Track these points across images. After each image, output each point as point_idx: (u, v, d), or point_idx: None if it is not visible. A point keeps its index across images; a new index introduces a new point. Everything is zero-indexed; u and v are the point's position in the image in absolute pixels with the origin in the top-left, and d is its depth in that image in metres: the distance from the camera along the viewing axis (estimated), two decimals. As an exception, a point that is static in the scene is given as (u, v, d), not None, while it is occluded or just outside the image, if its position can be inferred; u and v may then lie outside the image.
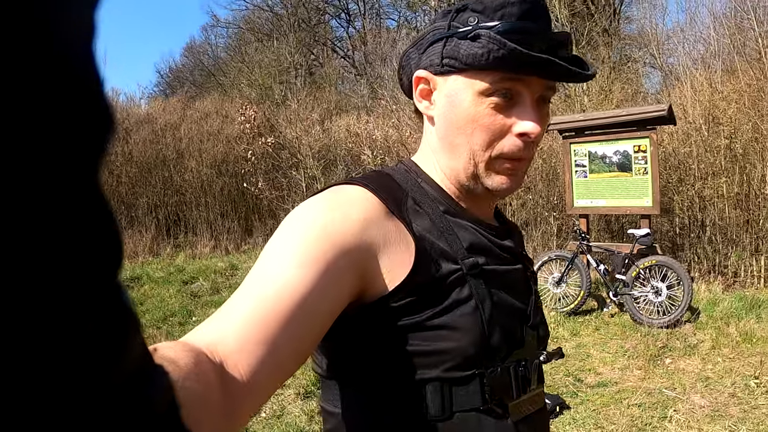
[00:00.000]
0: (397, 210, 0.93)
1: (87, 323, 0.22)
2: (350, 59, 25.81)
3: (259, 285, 0.79)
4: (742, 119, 8.70)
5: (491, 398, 0.92)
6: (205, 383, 0.62)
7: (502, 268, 1.02)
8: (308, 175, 13.22)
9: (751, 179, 8.66)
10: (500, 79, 0.93)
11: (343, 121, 15.78)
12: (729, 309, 6.84)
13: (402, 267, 0.89)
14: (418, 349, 0.89)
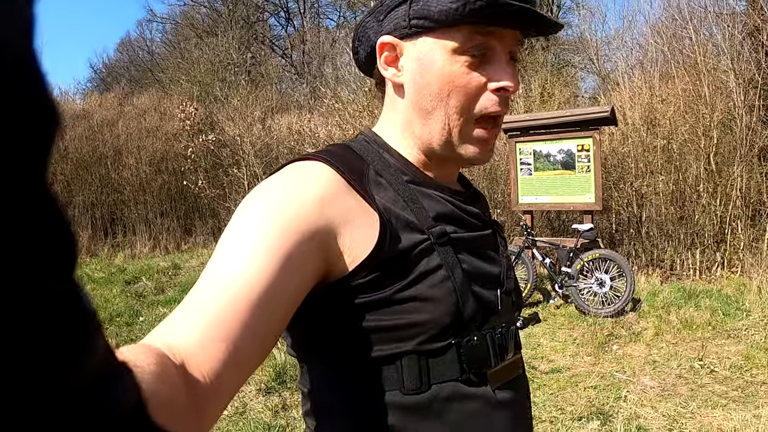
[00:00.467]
0: (358, 183, 0.90)
1: (46, 324, 0.22)
2: (289, 58, 25.66)
3: (217, 280, 0.75)
4: (679, 121, 9.09)
5: (469, 368, 0.90)
6: (170, 385, 0.59)
7: (471, 235, 1.00)
8: (250, 173, 13.08)
9: (686, 177, 9.04)
10: (472, 34, 0.90)
11: (285, 119, 15.67)
12: (669, 299, 7.12)
13: (365, 243, 0.85)
14: (389, 324, 0.86)
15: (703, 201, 8.80)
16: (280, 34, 28.24)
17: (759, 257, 8.18)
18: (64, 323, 0.23)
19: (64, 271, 0.23)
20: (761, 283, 7.21)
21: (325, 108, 13.76)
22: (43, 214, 0.22)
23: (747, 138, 8.67)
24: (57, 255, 0.22)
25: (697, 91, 9.18)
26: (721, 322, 6.28)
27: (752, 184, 8.84)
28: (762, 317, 6.27)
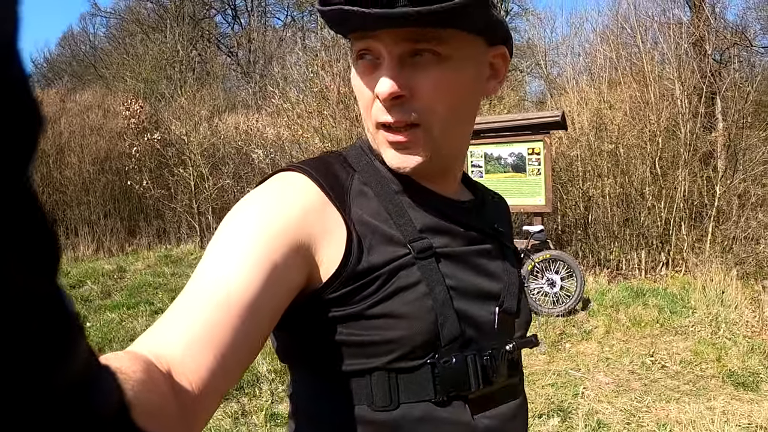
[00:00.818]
0: (337, 196, 0.87)
1: (28, 325, 0.22)
2: (234, 56, 25.37)
3: (205, 287, 0.75)
4: (626, 127, 9.38)
5: (444, 390, 0.86)
6: (157, 393, 0.59)
7: (465, 249, 0.95)
8: (196, 174, 12.86)
9: (633, 181, 9.33)
10: (353, 42, 0.88)
11: (232, 119, 15.46)
12: (617, 298, 7.33)
13: (336, 258, 0.84)
14: (360, 339, 0.84)
15: (649, 203, 9.11)
16: (227, 32, 27.95)
17: (702, 257, 8.52)
18: (47, 325, 0.23)
19: (46, 272, 0.23)
20: (705, 281, 7.50)
21: (274, 108, 13.64)
22: (25, 215, 0.22)
23: (690, 143, 9.01)
24: (39, 256, 0.22)
25: (643, 97, 9.49)
26: (669, 320, 6.51)
27: (695, 188, 9.18)
28: (707, 314, 6.52)
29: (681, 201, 8.96)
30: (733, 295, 6.94)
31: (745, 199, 8.96)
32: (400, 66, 0.84)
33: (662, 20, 10.49)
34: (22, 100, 0.21)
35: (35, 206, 0.22)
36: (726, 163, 9.16)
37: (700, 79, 9.43)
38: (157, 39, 20.06)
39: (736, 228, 8.68)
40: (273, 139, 12.98)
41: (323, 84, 11.74)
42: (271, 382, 4.98)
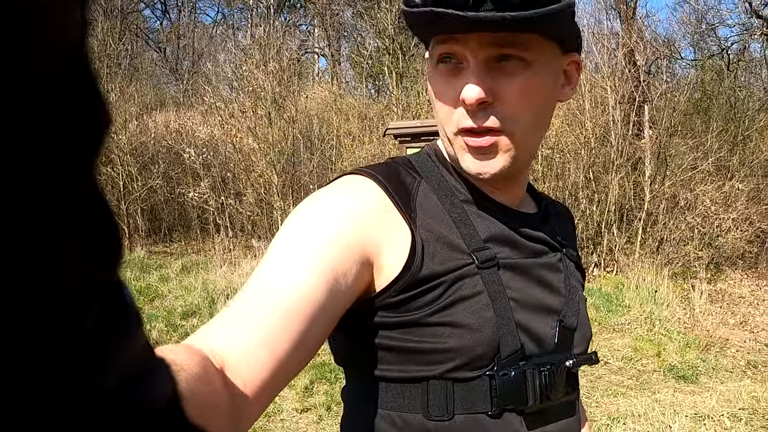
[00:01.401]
0: (403, 202, 0.87)
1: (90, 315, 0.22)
2: (163, 52, 24.76)
3: (267, 289, 0.75)
4: (564, 133, 9.68)
5: (501, 403, 0.85)
6: (211, 386, 0.60)
7: (529, 261, 0.94)
8: (125, 173, 12.47)
9: (567, 185, 9.63)
10: (434, 45, 0.87)
11: (162, 116, 15.07)
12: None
13: (398, 263, 0.84)
14: (417, 346, 0.84)
15: (582, 207, 9.41)
16: (155, 26, 27.25)
17: (632, 258, 8.87)
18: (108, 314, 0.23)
19: (108, 263, 0.23)
20: (638, 281, 7.81)
21: (206, 106, 13.39)
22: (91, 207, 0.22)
23: (622, 149, 9.37)
24: (102, 247, 0.23)
25: (579, 104, 9.81)
26: (606, 318, 6.75)
27: (625, 192, 9.55)
28: (641, 312, 6.80)
29: (612, 204, 9.31)
30: (665, 294, 7.27)
31: (674, 203, 9.39)
32: (486, 71, 0.84)
33: (596, 31, 10.89)
34: (93, 98, 0.22)
35: (100, 199, 0.23)
36: (654, 168, 9.56)
37: (634, 89, 9.82)
38: (87, 32, 19.39)
39: (665, 230, 9.08)
40: (205, 138, 12.72)
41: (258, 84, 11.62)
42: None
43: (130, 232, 12.42)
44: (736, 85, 12.14)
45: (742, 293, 8.23)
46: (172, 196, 13.16)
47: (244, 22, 23.55)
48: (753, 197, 9.39)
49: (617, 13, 12.52)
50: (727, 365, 5.57)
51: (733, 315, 7.31)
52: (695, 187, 9.23)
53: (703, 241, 8.90)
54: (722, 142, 9.99)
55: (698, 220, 8.92)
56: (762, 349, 6.10)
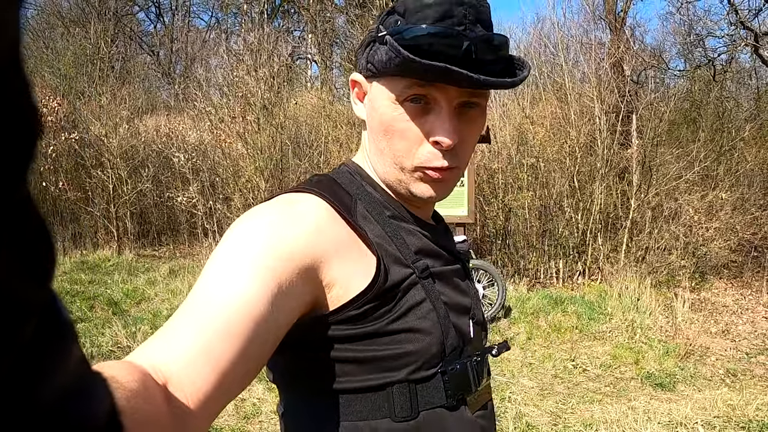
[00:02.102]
0: (350, 217, 0.92)
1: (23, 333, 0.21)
2: (155, 56, 24.76)
3: (204, 301, 0.75)
4: (548, 142, 9.74)
5: (454, 394, 0.94)
6: (152, 402, 0.59)
7: (447, 269, 1.03)
8: (115, 176, 12.47)
9: (552, 193, 9.69)
10: (411, 86, 0.91)
11: (153, 120, 15.06)
12: (537, 305, 7.59)
13: (360, 275, 0.88)
14: (381, 354, 0.88)
15: (567, 215, 9.47)
16: (149, 30, 27.24)
17: (617, 266, 8.93)
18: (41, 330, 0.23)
19: (41, 277, 0.22)
20: (621, 289, 7.87)
21: (196, 111, 13.40)
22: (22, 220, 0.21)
23: (607, 159, 9.44)
24: (34, 261, 0.22)
25: (564, 114, 9.87)
26: (587, 326, 6.80)
27: (610, 201, 9.61)
28: (623, 320, 6.85)
29: (597, 213, 9.37)
30: (648, 302, 7.33)
31: (658, 212, 9.45)
32: (456, 116, 0.93)
33: (584, 41, 10.97)
34: (23, 108, 0.21)
35: (34, 211, 0.22)
36: (640, 178, 9.63)
37: (619, 99, 9.90)
38: (79, 34, 19.29)
39: (649, 239, 9.14)
40: (195, 143, 12.73)
41: (248, 89, 11.64)
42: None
43: (119, 235, 12.41)
44: (724, 96, 12.24)
45: (725, 302, 8.31)
46: (161, 200, 13.19)
47: (238, 27, 23.58)
48: (738, 207, 9.47)
49: (606, 24, 12.62)
50: (706, 373, 5.62)
51: (716, 323, 7.38)
52: (679, 196, 9.30)
53: (687, 250, 8.97)
54: (708, 151, 10.07)
55: (682, 230, 8.99)
56: (742, 358, 6.16)
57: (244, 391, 4.90)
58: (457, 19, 0.88)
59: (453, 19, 0.88)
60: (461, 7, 0.89)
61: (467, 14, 0.89)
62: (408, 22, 0.90)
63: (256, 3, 23.76)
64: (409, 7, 0.90)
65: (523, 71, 0.95)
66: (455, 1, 0.88)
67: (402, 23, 0.90)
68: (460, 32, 0.87)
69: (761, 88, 13.83)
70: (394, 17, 0.93)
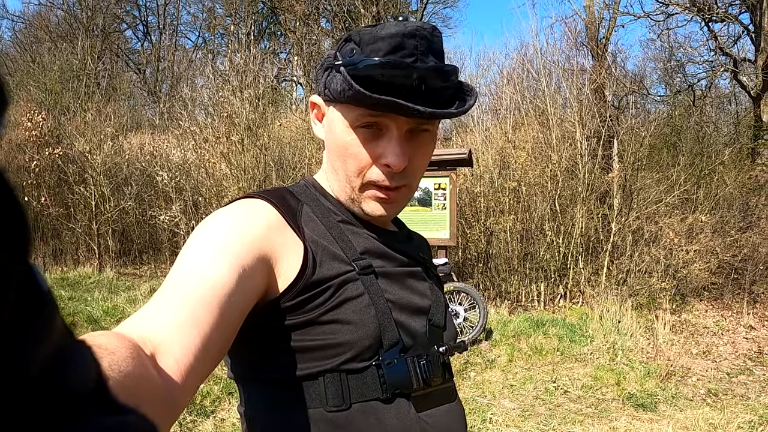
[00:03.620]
0: (291, 219, 1.00)
1: (7, 303, 0.22)
2: (142, 74, 24.77)
3: (183, 278, 0.82)
4: (529, 166, 9.83)
5: (390, 388, 0.96)
6: (142, 368, 0.61)
7: (399, 270, 1.09)
8: (98, 193, 12.41)
9: (533, 217, 9.75)
10: (363, 114, 0.98)
11: (137, 138, 15.04)
12: (518, 328, 7.60)
13: (293, 269, 0.95)
14: (313, 344, 0.94)
15: (548, 239, 9.52)
16: (136, 47, 27.28)
17: (598, 289, 8.99)
18: (22, 301, 0.23)
19: (20, 251, 0.23)
20: (602, 312, 7.91)
21: (181, 130, 13.39)
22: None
23: (589, 183, 9.54)
24: (11, 235, 0.22)
25: (546, 138, 9.98)
26: (568, 348, 6.83)
27: (591, 224, 9.70)
28: (605, 342, 6.89)
29: (579, 237, 9.45)
30: (629, 324, 7.38)
31: (639, 235, 9.54)
32: (406, 141, 1.01)
33: (566, 67, 11.11)
34: None
35: (4, 187, 0.22)
36: (621, 201, 9.73)
37: (600, 123, 10.02)
38: (66, 49, 19.26)
39: (630, 262, 9.21)
40: (179, 162, 12.71)
41: (233, 110, 11.66)
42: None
43: (100, 253, 12.33)
44: (704, 121, 12.43)
45: (706, 323, 8.39)
46: (144, 219, 13.13)
47: (225, 48, 23.68)
48: (718, 229, 9.58)
49: (588, 50, 12.82)
50: (687, 393, 5.66)
51: (697, 345, 7.44)
52: (660, 219, 9.40)
53: (668, 272, 9.04)
54: (688, 175, 10.20)
55: (662, 252, 9.07)
56: (723, 378, 6.22)
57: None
58: (408, 51, 0.94)
59: (404, 51, 0.94)
60: (413, 39, 0.94)
61: (419, 45, 0.95)
62: (363, 51, 0.96)
63: (243, 24, 23.94)
64: (364, 37, 0.97)
65: (470, 99, 1.03)
66: (407, 34, 0.94)
67: (357, 53, 0.97)
68: (409, 64, 0.93)
69: (740, 113, 14.07)
70: (351, 45, 1.00)
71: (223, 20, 26.78)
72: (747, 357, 7.01)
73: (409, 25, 0.96)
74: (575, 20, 13.77)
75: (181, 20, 28.39)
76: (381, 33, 0.95)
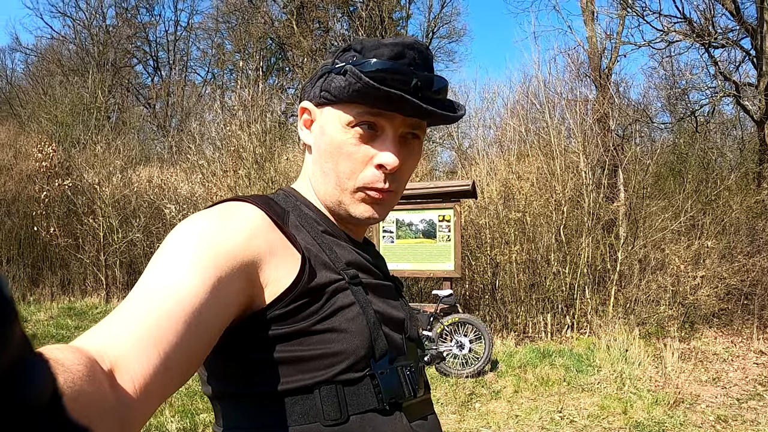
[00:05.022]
0: (281, 223, 0.98)
1: None
2: (152, 108, 25.10)
3: (153, 291, 0.77)
4: (533, 196, 9.84)
5: (385, 398, 0.96)
6: (97, 386, 0.59)
7: (379, 283, 1.09)
8: (106, 225, 12.52)
9: (539, 248, 9.74)
10: (363, 113, 1.00)
11: (146, 171, 15.17)
12: (524, 359, 7.58)
13: (286, 275, 0.92)
14: (307, 354, 0.91)
15: (554, 269, 9.50)
16: (146, 82, 27.65)
17: (605, 319, 8.92)
18: None
19: None
20: (609, 341, 7.85)
21: (189, 164, 13.52)
22: None
23: (594, 212, 9.53)
24: None
25: (550, 169, 10.01)
26: (575, 378, 6.77)
27: (598, 254, 9.67)
28: (612, 372, 6.83)
29: (585, 266, 9.42)
30: (637, 353, 7.32)
31: (646, 263, 9.50)
32: (400, 144, 1.04)
33: (569, 97, 11.19)
34: None
35: None
36: (627, 230, 9.72)
37: (604, 153, 10.06)
38: (77, 83, 19.55)
39: (637, 291, 9.16)
40: (186, 195, 12.82)
41: (240, 143, 11.78)
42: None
43: (107, 283, 12.38)
44: (708, 147, 12.42)
45: (716, 350, 8.31)
46: (151, 251, 13.17)
47: (233, 83, 23.96)
48: (725, 255, 9.52)
49: (591, 81, 12.90)
50: (696, 420, 5.60)
51: (706, 371, 7.36)
52: (666, 247, 9.36)
53: (675, 300, 8.98)
54: (694, 201, 10.18)
55: (669, 280, 9.02)
56: (733, 404, 6.15)
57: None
58: (408, 60, 1.00)
59: (405, 59, 0.99)
60: (412, 51, 1.01)
61: (416, 57, 1.01)
62: (365, 57, 0.99)
63: (251, 60, 24.22)
64: (366, 45, 1.01)
65: (460, 110, 1.09)
66: (407, 45, 1.00)
67: (359, 58, 1.00)
68: (412, 70, 0.99)
69: (745, 138, 14.08)
70: (351, 53, 1.03)
71: (232, 56, 27.16)
72: (757, 382, 6.93)
73: (407, 38, 1.03)
74: (578, 51, 13.95)
75: (190, 56, 28.89)
76: (384, 41, 1.00)
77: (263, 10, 25.65)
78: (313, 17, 25.21)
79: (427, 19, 27.31)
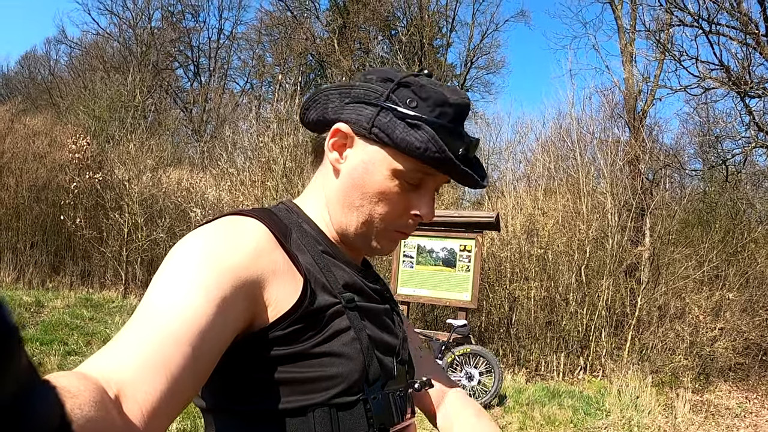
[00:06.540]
0: (284, 242, 0.96)
1: None
2: (188, 112, 25.47)
3: (153, 312, 0.77)
4: (557, 234, 9.78)
5: (376, 422, 0.96)
6: (105, 413, 0.59)
7: (375, 306, 1.08)
8: (132, 221, 12.67)
9: (558, 286, 9.66)
10: (419, 169, 1.00)
11: (176, 173, 15.35)
12: (533, 396, 7.50)
13: (288, 297, 0.90)
14: (303, 376, 0.90)
15: (572, 308, 9.41)
16: (185, 87, 28.11)
17: (620, 363, 8.80)
18: None
19: None
20: (621, 386, 7.73)
21: (219, 170, 13.66)
22: None
23: (617, 255, 9.44)
24: None
25: (576, 208, 9.97)
26: (582, 421, 6.68)
27: (618, 297, 9.56)
28: (621, 417, 6.73)
29: (603, 308, 9.32)
30: (648, 401, 7.21)
31: (665, 310, 9.37)
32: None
33: (602, 137, 11.16)
34: None
35: None
36: (649, 275, 9.61)
37: (632, 196, 9.98)
38: (117, 80, 19.90)
39: (654, 338, 9.04)
40: (213, 201, 12.93)
41: (271, 155, 11.87)
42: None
43: (127, 279, 12.51)
44: (737, 197, 12.26)
45: (729, 404, 8.16)
46: (174, 251, 13.27)
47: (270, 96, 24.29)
48: (747, 308, 9.35)
49: (624, 122, 12.84)
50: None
51: (717, 426, 7.23)
52: (686, 295, 9.22)
53: (692, 350, 8.83)
54: (719, 251, 10.03)
55: (687, 329, 8.88)
56: (741, 459, 6.00)
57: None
58: (464, 119, 1.02)
59: (461, 121, 1.01)
60: (467, 109, 1.01)
61: (467, 115, 1.03)
62: (428, 107, 0.97)
63: (290, 74, 24.49)
64: (432, 95, 0.98)
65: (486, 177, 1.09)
66: (465, 105, 1.00)
67: (421, 106, 0.97)
68: (468, 135, 1.01)
69: (776, 190, 13.84)
70: (408, 93, 0.98)
71: (272, 69, 27.52)
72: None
73: (464, 96, 1.01)
74: (613, 92, 13.89)
75: (231, 65, 29.34)
76: (449, 98, 0.98)
77: (306, 27, 26.04)
78: (355, 38, 25.53)
79: (467, 49, 27.48)
